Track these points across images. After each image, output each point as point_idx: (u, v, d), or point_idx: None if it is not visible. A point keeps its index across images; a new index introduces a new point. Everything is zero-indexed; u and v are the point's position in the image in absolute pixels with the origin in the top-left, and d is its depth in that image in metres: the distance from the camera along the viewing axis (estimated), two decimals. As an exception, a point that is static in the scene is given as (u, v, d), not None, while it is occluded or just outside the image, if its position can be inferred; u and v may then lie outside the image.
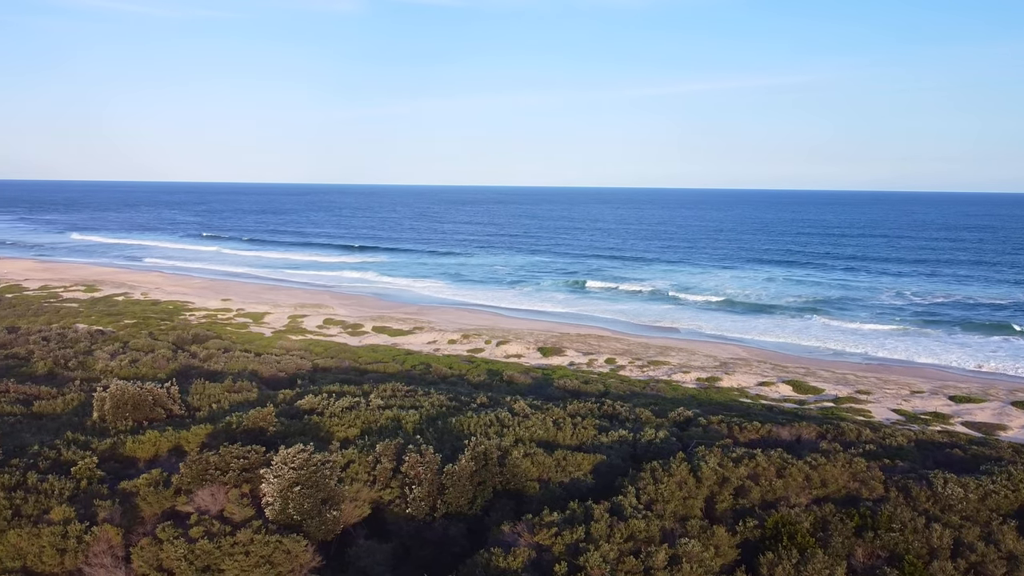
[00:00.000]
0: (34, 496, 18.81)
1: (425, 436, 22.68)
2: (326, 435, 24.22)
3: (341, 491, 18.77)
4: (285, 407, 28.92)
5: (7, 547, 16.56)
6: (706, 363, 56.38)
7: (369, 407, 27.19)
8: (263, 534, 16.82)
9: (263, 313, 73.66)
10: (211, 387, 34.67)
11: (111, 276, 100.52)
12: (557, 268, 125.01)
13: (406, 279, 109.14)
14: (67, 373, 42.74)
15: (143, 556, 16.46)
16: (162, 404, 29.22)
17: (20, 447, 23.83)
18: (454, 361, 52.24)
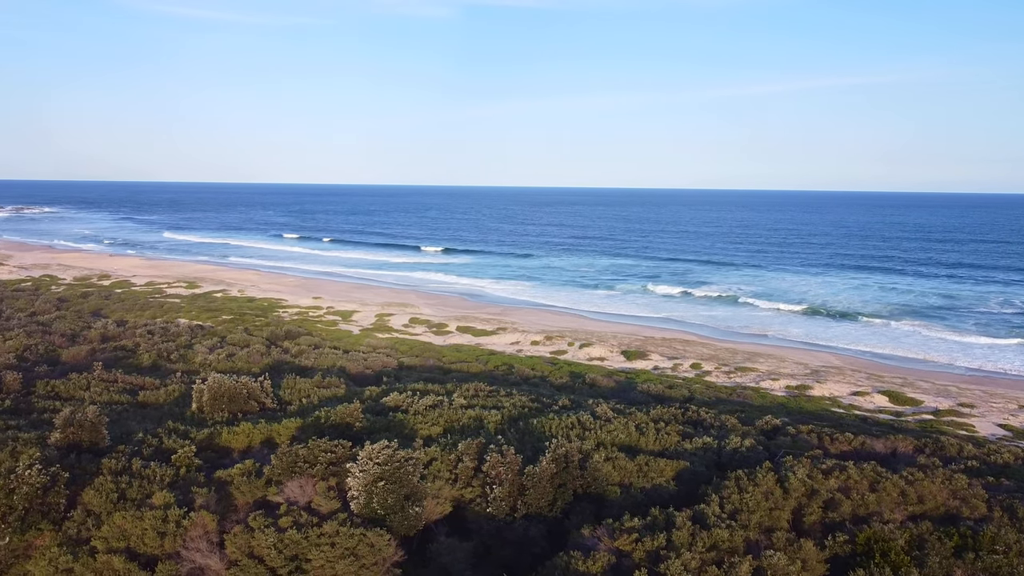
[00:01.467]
0: (138, 481, 19.87)
1: (507, 436, 22.81)
2: (410, 432, 24.66)
3: (423, 488, 19.08)
4: (371, 404, 29.60)
5: (113, 528, 17.53)
6: (796, 370, 54.64)
7: (452, 406, 27.55)
8: (348, 527, 17.26)
9: (351, 311, 75.57)
10: (301, 382, 35.84)
11: (211, 273, 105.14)
12: (642, 271, 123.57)
13: (490, 280, 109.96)
14: (169, 365, 44.97)
15: (236, 543, 17.14)
16: (255, 397, 30.38)
17: (126, 434, 25.22)
18: (537, 362, 52.30)
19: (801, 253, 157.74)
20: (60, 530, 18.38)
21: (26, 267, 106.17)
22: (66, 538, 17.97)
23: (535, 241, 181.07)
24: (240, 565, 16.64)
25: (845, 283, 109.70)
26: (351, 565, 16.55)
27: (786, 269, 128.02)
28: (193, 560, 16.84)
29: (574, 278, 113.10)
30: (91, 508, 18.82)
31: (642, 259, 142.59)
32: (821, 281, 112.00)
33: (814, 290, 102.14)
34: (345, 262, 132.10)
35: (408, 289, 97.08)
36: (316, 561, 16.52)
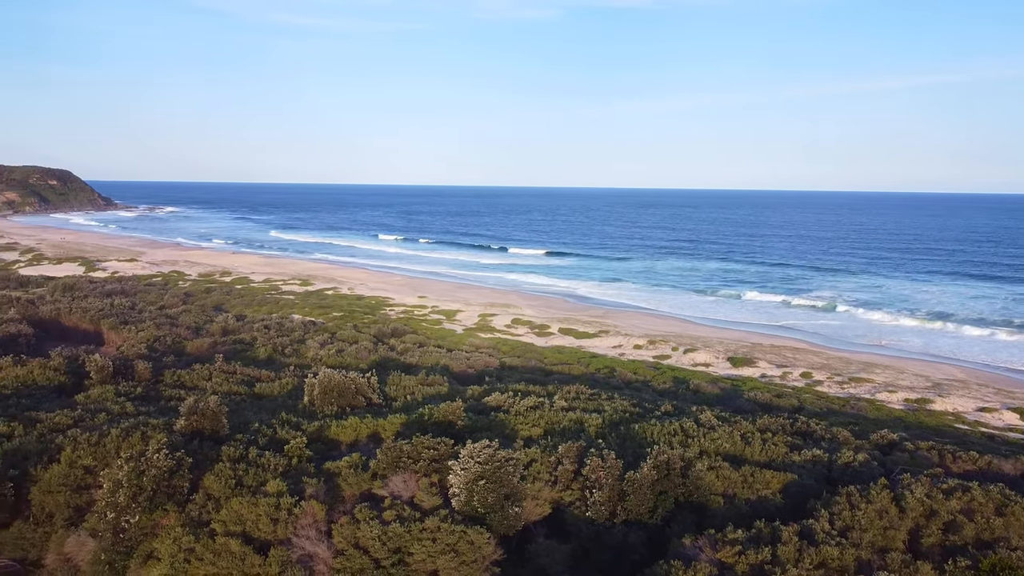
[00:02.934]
0: (254, 469, 20.89)
1: (607, 441, 22.65)
2: (511, 432, 24.86)
3: (523, 488, 19.21)
4: (473, 402, 30.01)
5: (231, 512, 18.50)
6: (916, 383, 51.79)
7: (553, 408, 27.58)
8: (449, 523, 17.58)
9: (455, 311, 76.86)
10: (406, 379, 36.74)
11: (323, 272, 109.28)
12: (749, 276, 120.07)
13: (592, 282, 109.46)
14: (283, 359, 47.05)
15: (342, 533, 17.76)
16: (363, 393, 31.37)
17: (243, 424, 26.55)
18: (639, 366, 51.69)
19: (923, 259, 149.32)
20: (183, 511, 19.55)
21: (156, 263, 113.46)
22: (188, 519, 19.09)
23: (638, 244, 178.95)
24: (346, 555, 17.23)
25: (972, 291, 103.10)
26: (451, 561, 16.85)
27: (906, 276, 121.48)
28: (303, 547, 17.55)
29: (678, 282, 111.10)
30: (211, 492, 19.92)
31: (750, 263, 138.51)
32: (944, 289, 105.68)
33: (936, 298, 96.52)
34: (448, 262, 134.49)
35: (510, 290, 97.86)
36: (418, 555, 16.90)
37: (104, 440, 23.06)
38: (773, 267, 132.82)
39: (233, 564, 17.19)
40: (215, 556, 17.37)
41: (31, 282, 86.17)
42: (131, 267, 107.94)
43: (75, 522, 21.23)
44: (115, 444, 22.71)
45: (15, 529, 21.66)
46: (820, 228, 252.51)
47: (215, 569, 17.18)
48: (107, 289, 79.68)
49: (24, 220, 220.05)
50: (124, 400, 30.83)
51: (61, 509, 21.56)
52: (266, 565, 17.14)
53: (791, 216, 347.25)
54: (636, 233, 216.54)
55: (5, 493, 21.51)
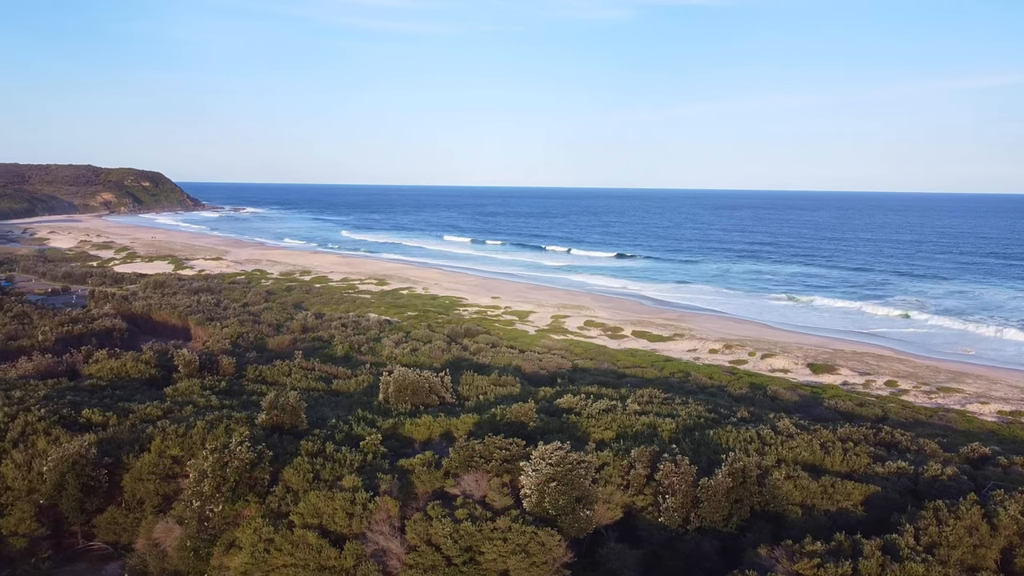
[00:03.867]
0: (330, 464, 21.40)
1: (681, 446, 22.33)
2: (582, 435, 24.78)
3: (595, 492, 19.11)
4: (545, 404, 30.02)
5: (308, 505, 19.01)
6: (1010, 394, 49.25)
7: (626, 411, 27.35)
8: (520, 524, 17.64)
9: (528, 312, 77.04)
10: (479, 379, 37.03)
11: (398, 271, 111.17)
12: (832, 280, 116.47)
13: (668, 284, 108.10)
14: (359, 357, 48.08)
15: (415, 529, 18.02)
16: (436, 391, 31.77)
17: (321, 419, 27.25)
18: (714, 371, 50.77)
19: (1019, 264, 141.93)
20: (264, 503, 20.19)
21: (240, 262, 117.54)
22: (268, 511, 19.70)
23: (714, 246, 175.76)
24: (419, 551, 17.47)
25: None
26: (522, 561, 16.90)
27: (1000, 282, 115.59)
28: (377, 542, 17.88)
29: (756, 285, 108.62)
30: (290, 485, 20.50)
31: (832, 267, 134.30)
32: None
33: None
34: (521, 263, 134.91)
35: (584, 291, 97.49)
36: (489, 554, 17.01)
37: (191, 432, 24.04)
38: (856, 271, 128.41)
39: (310, 556, 17.65)
40: (293, 547, 17.88)
41: (125, 279, 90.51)
42: (217, 266, 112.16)
43: (163, 509, 22.20)
44: (201, 436, 23.64)
45: (109, 514, 22.78)
46: (906, 231, 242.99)
47: (293, 560, 17.68)
48: (194, 287, 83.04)
49: (119, 220, 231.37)
50: (209, 393, 32.08)
51: (151, 496, 22.57)
52: (341, 558, 17.54)
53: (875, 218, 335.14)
54: (711, 235, 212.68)
55: (100, 479, 22.66)
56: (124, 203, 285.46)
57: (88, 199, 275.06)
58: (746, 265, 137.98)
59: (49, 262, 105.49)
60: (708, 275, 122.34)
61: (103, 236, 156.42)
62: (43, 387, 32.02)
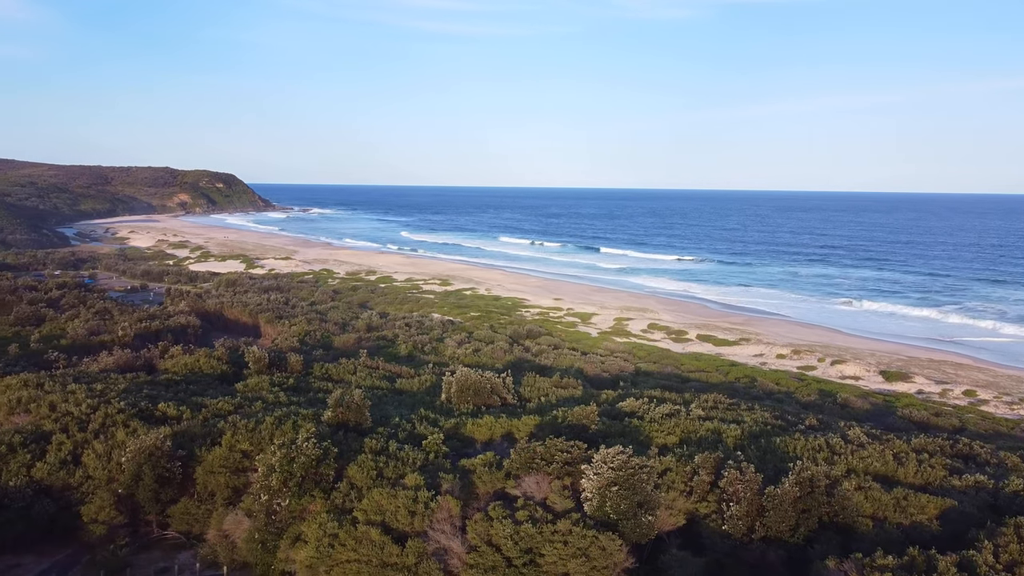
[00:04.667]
0: (394, 462, 21.69)
1: (746, 453, 21.89)
2: (645, 439, 24.53)
3: (657, 497, 18.88)
4: (607, 407, 29.84)
5: (371, 502, 19.30)
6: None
7: (689, 416, 26.98)
8: (581, 527, 17.56)
9: (590, 314, 76.70)
10: (540, 381, 37.03)
11: (461, 272, 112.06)
12: (906, 285, 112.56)
13: (734, 287, 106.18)
14: (422, 356, 48.62)
15: (476, 529, 18.11)
16: (498, 392, 31.89)
17: (384, 417, 27.65)
18: (782, 377, 49.64)
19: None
20: (328, 499, 20.59)
21: (308, 261, 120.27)
22: (333, 506, 20.08)
23: (784, 249, 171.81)
24: (479, 551, 17.55)
25: None
26: (582, 565, 16.81)
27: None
28: (438, 541, 18.04)
29: (826, 290, 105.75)
30: (354, 482, 20.86)
31: (906, 272, 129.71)
32: None
33: None
34: (583, 265, 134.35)
35: (648, 294, 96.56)
36: (549, 557, 16.98)
37: (260, 427, 24.70)
38: (932, 276, 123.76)
39: (373, 552, 17.92)
40: (356, 543, 18.17)
41: (199, 277, 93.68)
42: (286, 265, 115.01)
43: (233, 502, 22.86)
44: (269, 431, 24.27)
45: (182, 505, 23.58)
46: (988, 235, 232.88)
47: (356, 556, 17.98)
48: (264, 285, 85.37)
49: (194, 220, 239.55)
50: (278, 390, 32.91)
51: (221, 489, 23.27)
52: (403, 555, 17.75)
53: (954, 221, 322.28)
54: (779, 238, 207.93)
55: (174, 471, 23.48)
56: (199, 203, 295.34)
57: (165, 200, 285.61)
58: (816, 268, 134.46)
59: (129, 260, 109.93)
60: (775, 278, 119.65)
61: (179, 236, 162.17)
62: (122, 381, 33.37)
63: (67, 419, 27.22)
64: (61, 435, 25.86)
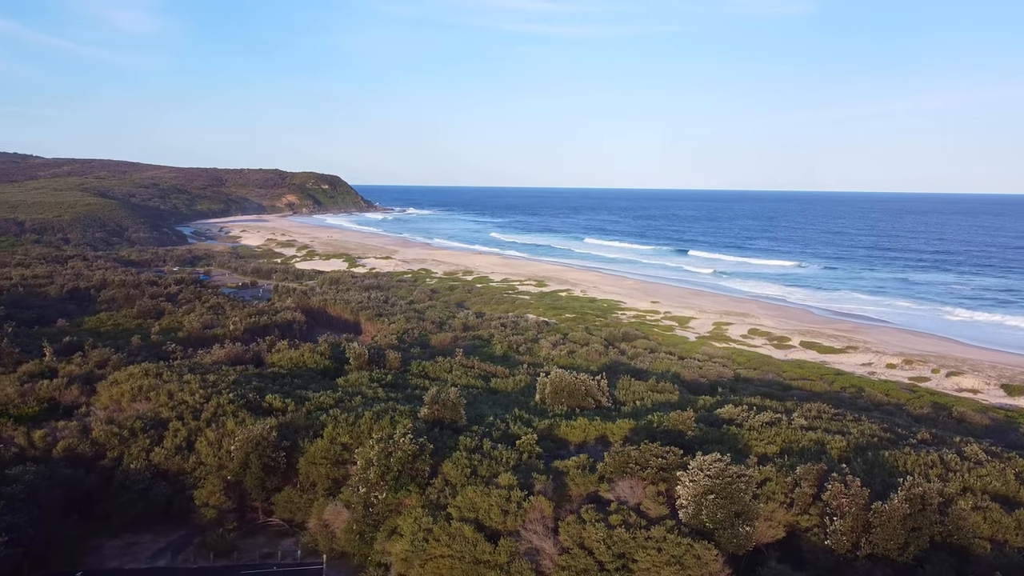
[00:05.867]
0: (487, 460, 21.91)
1: (852, 466, 20.97)
2: (743, 448, 23.87)
3: (755, 507, 18.34)
4: (704, 413, 29.21)
5: (465, 499, 19.55)
6: None
7: (791, 425, 26.09)
8: (676, 535, 17.24)
9: (688, 318, 75.29)
10: (636, 384, 36.61)
11: (557, 273, 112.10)
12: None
13: (840, 293, 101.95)
14: (517, 356, 48.91)
15: (568, 531, 18.07)
16: (592, 395, 31.73)
17: (479, 416, 27.96)
18: (892, 388, 47.34)
19: None
20: (424, 494, 21.00)
21: (408, 261, 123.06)
22: (428, 501, 20.46)
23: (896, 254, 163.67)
24: (571, 553, 17.50)
25: None
26: (676, 573, 16.50)
27: None
28: (530, 541, 18.09)
29: (942, 297, 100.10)
30: (449, 478, 21.19)
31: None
32: None
33: None
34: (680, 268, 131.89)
35: (750, 298, 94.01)
36: (642, 563, 16.75)
37: (359, 421, 25.44)
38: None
39: (466, 548, 18.15)
40: (450, 539, 18.45)
41: (305, 275, 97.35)
42: (386, 264, 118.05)
43: (333, 492, 23.64)
44: (368, 426, 24.97)
45: (285, 494, 24.55)
46: None
47: (450, 552, 18.25)
48: (365, 284, 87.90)
49: (301, 220, 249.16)
50: (376, 386, 33.82)
51: (322, 480, 24.10)
52: (495, 553, 17.90)
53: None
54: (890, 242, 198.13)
55: (279, 461, 24.49)
56: (305, 204, 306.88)
57: (275, 200, 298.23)
58: (930, 275, 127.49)
59: (240, 258, 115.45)
60: (885, 284, 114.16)
61: (287, 235, 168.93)
62: (233, 372, 35.05)
63: (182, 407, 28.84)
64: (177, 422, 27.40)
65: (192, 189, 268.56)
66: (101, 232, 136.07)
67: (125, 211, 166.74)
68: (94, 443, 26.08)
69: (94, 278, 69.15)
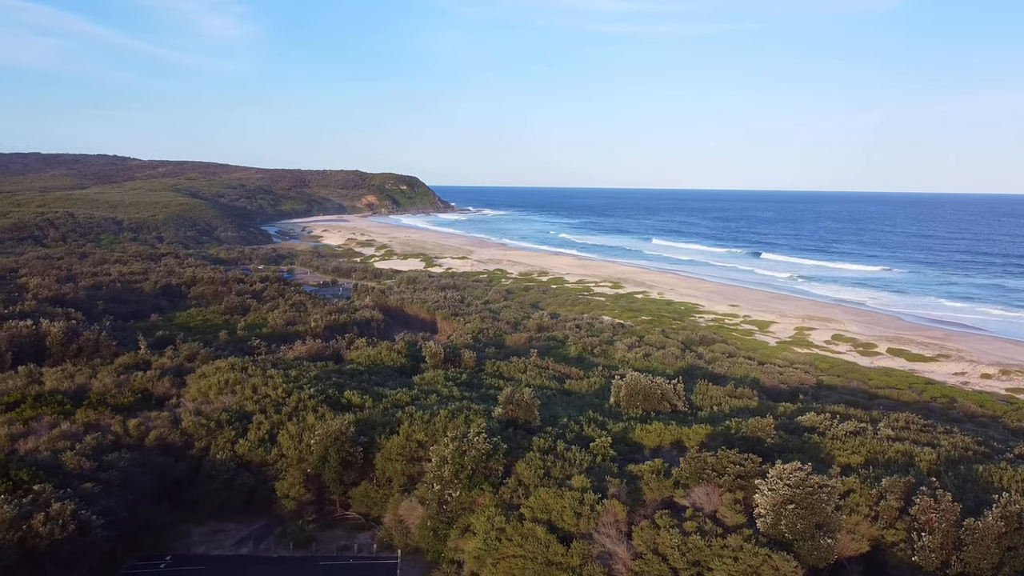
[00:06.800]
0: (561, 462, 21.86)
1: (942, 480, 20.04)
2: (825, 457, 23.14)
3: (838, 519, 17.74)
4: (784, 420, 28.43)
5: (538, 500, 19.56)
6: None
7: (877, 436, 25.14)
8: (753, 544, 16.82)
9: (769, 322, 73.46)
10: (713, 389, 35.92)
11: (633, 275, 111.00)
12: None
13: (932, 299, 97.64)
14: (592, 358, 48.67)
15: (642, 536, 17.85)
16: (668, 398, 31.29)
17: (553, 417, 27.93)
18: (986, 399, 45.07)
19: None
20: (497, 493, 21.10)
21: (483, 261, 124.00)
22: (501, 501, 20.55)
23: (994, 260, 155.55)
24: (645, 558, 17.29)
25: None
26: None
27: None
28: (603, 544, 17.96)
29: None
30: (522, 479, 21.23)
31: None
32: None
33: None
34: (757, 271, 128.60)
35: (833, 303, 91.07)
36: (718, 572, 16.42)
37: (434, 419, 25.77)
38: None
39: (538, 549, 18.15)
40: (522, 539, 18.48)
41: (383, 274, 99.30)
42: (462, 264, 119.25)
43: (408, 489, 24.01)
44: (443, 424, 25.26)
45: (362, 488, 25.07)
46: None
47: (522, 552, 18.28)
48: (442, 283, 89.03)
49: (379, 220, 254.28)
50: (452, 384, 34.19)
51: (398, 476, 24.51)
52: (568, 556, 17.84)
53: None
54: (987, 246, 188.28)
55: (356, 456, 25.03)
56: (384, 204, 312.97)
57: (355, 201, 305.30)
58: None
59: (321, 257, 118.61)
60: (980, 290, 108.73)
61: (366, 235, 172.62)
62: (313, 368, 36.03)
63: (266, 401, 29.81)
64: (260, 416, 28.34)
65: (277, 190, 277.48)
66: (192, 231, 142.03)
67: (214, 211, 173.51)
68: (183, 433, 27.22)
69: (185, 275, 72.23)
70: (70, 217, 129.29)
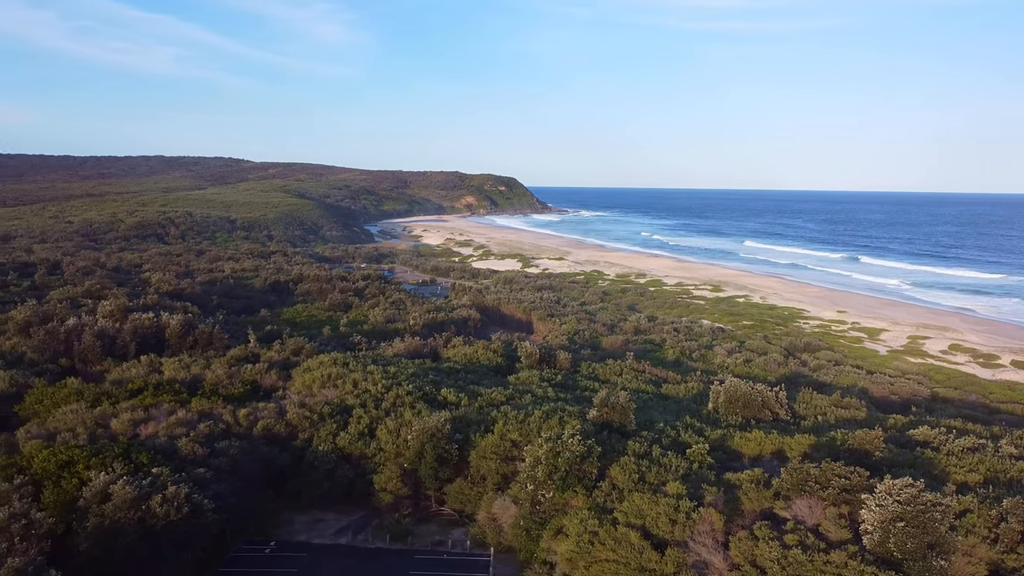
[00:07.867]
0: (656, 467, 21.52)
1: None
2: (940, 474, 21.89)
3: (953, 541, 16.74)
4: (895, 433, 27.08)
5: (632, 505, 19.31)
6: None
7: (998, 453, 23.59)
8: (858, 562, 16.08)
9: (879, 329, 70.14)
10: (818, 398, 34.58)
11: (734, 278, 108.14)
12: None
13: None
14: (690, 363, 47.71)
15: (740, 547, 17.35)
16: (769, 406, 30.32)
17: (648, 422, 27.52)
18: (1124, 418, 41.58)
19: None
20: (590, 496, 20.96)
21: (580, 262, 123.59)
22: (594, 504, 20.40)
23: None
24: (742, 570, 16.80)
25: None
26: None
27: None
28: (698, 553, 17.56)
29: None
30: (616, 482, 21.02)
31: None
32: None
33: None
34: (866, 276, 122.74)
35: (951, 311, 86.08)
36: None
37: (528, 419, 25.85)
38: None
39: (631, 555, 17.91)
40: (616, 544, 18.28)
41: (480, 274, 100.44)
42: (558, 265, 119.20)
43: (502, 487, 24.17)
44: (537, 424, 25.31)
45: (457, 485, 25.42)
46: None
47: (615, 556, 18.09)
48: (538, 284, 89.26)
49: (477, 220, 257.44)
50: (546, 385, 34.21)
51: (492, 474, 24.71)
52: (662, 563, 17.53)
53: None
54: None
55: (451, 453, 25.40)
56: (483, 205, 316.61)
57: (453, 201, 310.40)
58: None
59: (421, 256, 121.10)
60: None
61: (464, 235, 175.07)
62: (411, 366, 36.81)
63: (366, 396, 30.66)
64: (360, 410, 29.17)
65: (379, 190, 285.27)
66: (299, 230, 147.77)
67: (320, 211, 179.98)
68: (288, 424, 28.32)
69: (292, 272, 75.20)
70: (188, 216, 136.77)
